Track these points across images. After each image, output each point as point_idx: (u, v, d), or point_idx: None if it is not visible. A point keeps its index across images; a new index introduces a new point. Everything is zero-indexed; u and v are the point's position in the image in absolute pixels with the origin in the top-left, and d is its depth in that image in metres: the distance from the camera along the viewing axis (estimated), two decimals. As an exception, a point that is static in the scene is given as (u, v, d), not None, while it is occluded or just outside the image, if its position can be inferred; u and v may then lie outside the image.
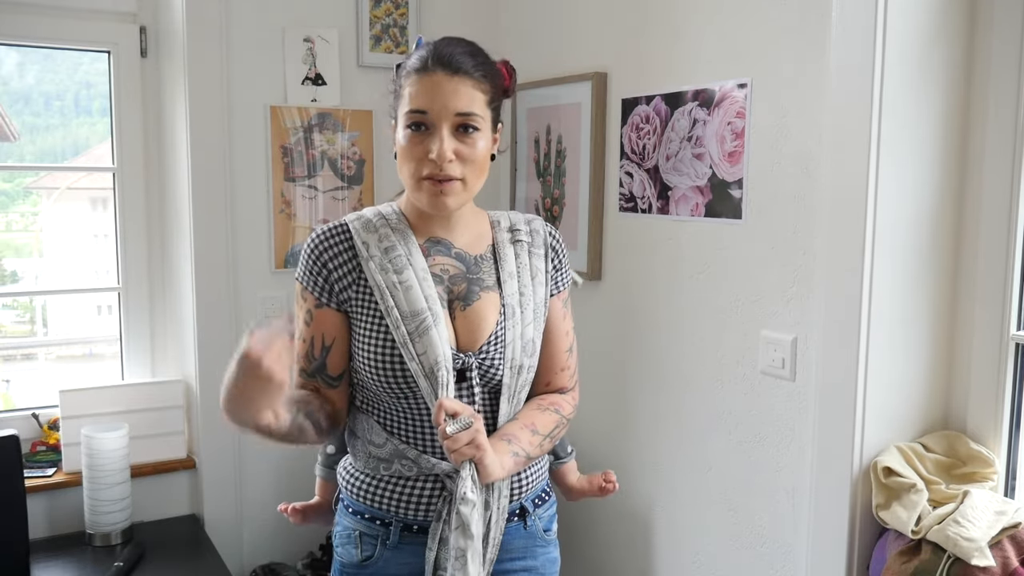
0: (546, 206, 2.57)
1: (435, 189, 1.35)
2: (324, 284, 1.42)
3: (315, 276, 1.42)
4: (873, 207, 1.63)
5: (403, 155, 1.38)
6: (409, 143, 1.36)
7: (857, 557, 1.70)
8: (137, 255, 2.57)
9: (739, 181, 1.92)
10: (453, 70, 1.35)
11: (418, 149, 1.35)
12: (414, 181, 1.37)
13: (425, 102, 1.34)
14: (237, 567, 2.52)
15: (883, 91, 1.61)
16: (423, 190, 1.37)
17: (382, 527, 1.43)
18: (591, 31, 2.37)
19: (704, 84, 1.99)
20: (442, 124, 1.34)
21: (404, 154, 1.37)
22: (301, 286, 1.44)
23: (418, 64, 1.36)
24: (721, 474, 2.02)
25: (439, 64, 1.35)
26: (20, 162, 2.57)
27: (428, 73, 1.35)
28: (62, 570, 2.20)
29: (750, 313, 1.92)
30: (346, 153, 2.59)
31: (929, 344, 1.73)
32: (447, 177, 1.35)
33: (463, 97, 1.35)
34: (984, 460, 1.65)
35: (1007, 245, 1.64)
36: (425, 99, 1.34)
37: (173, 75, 2.44)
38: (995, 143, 1.65)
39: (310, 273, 1.43)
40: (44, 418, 2.48)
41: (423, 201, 1.39)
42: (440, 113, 1.34)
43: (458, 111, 1.35)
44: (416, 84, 1.35)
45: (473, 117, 1.36)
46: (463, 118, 1.35)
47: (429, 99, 1.34)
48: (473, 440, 1.28)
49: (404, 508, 1.42)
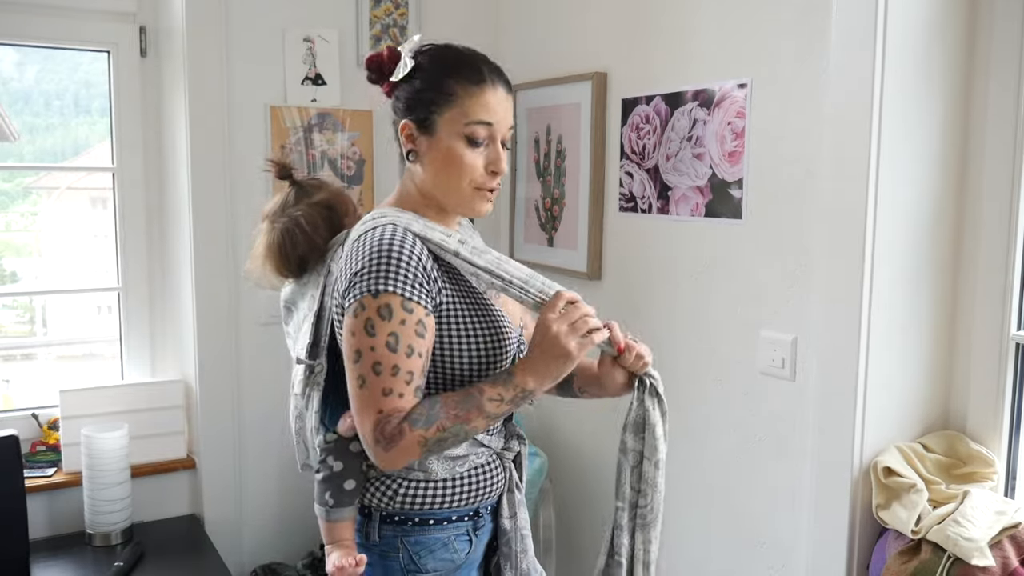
0: (546, 206, 2.57)
1: (485, 198, 1.39)
2: (429, 288, 1.32)
3: (419, 281, 1.30)
4: (873, 207, 1.63)
5: (456, 163, 1.36)
6: (466, 152, 1.36)
7: (857, 557, 1.70)
8: (137, 255, 2.57)
9: (739, 181, 1.92)
10: (507, 86, 1.41)
11: (477, 160, 1.36)
12: (468, 189, 1.38)
13: (491, 115, 1.36)
14: (237, 567, 2.52)
15: (883, 91, 1.61)
16: (473, 197, 1.39)
17: (471, 520, 1.45)
18: (591, 31, 2.37)
19: (704, 84, 1.99)
20: (498, 137, 1.38)
21: (459, 163, 1.36)
22: (402, 298, 1.27)
23: (476, 75, 1.36)
24: (721, 474, 2.02)
25: (499, 77, 1.39)
26: (20, 162, 2.57)
27: (491, 86, 1.37)
28: (62, 570, 2.20)
29: (750, 313, 1.92)
30: (346, 153, 2.59)
31: (929, 344, 1.73)
32: (498, 187, 1.41)
33: (511, 113, 1.41)
34: (984, 460, 1.65)
35: (1007, 245, 1.64)
36: (491, 113, 1.36)
37: (173, 75, 2.44)
38: (995, 143, 1.65)
39: (414, 279, 1.29)
40: (44, 418, 2.48)
41: (466, 206, 1.40)
42: (501, 127, 1.38)
43: (510, 124, 1.41)
44: (480, 95, 1.35)
45: (513, 132, 1.44)
46: (510, 132, 1.41)
47: (494, 112, 1.37)
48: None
49: (488, 492, 1.46)
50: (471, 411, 1.29)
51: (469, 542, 1.45)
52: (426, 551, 1.41)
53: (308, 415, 1.46)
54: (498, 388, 1.30)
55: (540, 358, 1.30)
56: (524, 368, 1.31)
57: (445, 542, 1.42)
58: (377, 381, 1.27)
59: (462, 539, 1.44)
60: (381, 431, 1.26)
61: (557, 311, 1.31)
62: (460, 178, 1.36)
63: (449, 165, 1.36)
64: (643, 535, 1.46)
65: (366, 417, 1.28)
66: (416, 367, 1.29)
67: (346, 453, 1.41)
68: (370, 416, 1.27)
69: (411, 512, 1.40)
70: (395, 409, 1.27)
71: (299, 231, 1.45)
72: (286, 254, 1.46)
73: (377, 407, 1.26)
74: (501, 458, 1.48)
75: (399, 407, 1.27)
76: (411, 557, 1.41)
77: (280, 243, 1.46)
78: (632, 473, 1.45)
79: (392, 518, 1.41)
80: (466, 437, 1.32)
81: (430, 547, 1.41)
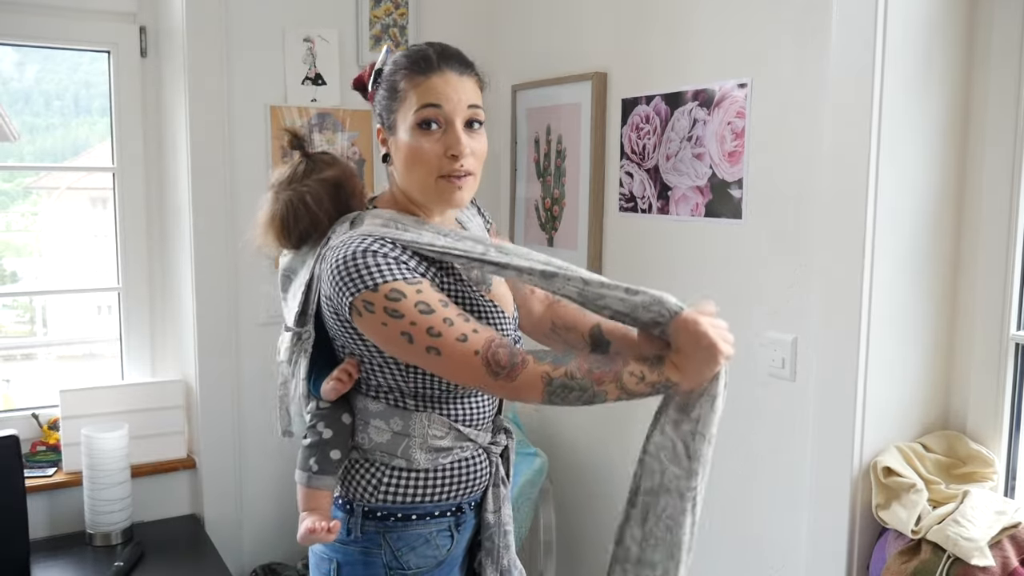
0: (546, 206, 2.57)
1: (453, 186, 1.37)
2: (421, 270, 1.33)
3: (408, 266, 1.30)
4: (873, 207, 1.63)
5: (414, 155, 1.36)
6: (422, 142, 1.35)
7: (857, 557, 1.70)
8: (137, 255, 2.57)
9: (739, 181, 1.92)
10: (463, 67, 1.38)
11: (434, 148, 1.35)
12: (431, 180, 1.36)
13: (438, 97, 1.35)
14: (237, 567, 2.52)
15: (883, 91, 1.61)
16: (439, 188, 1.37)
17: (453, 516, 1.45)
18: (591, 31, 2.37)
19: (704, 84, 1.99)
20: (455, 119, 1.35)
21: (416, 154, 1.36)
22: (403, 280, 1.27)
23: (423, 65, 1.36)
24: (721, 474, 2.02)
25: (447, 61, 1.37)
26: (20, 162, 2.57)
27: (438, 71, 1.36)
28: (62, 570, 2.20)
29: (750, 313, 1.92)
30: (346, 153, 2.59)
31: (929, 344, 1.73)
32: (466, 172, 1.37)
33: (471, 91, 1.38)
34: (984, 460, 1.65)
35: (1007, 245, 1.64)
36: (438, 94, 1.35)
37: (173, 75, 2.44)
38: (995, 143, 1.65)
39: (403, 265, 1.29)
40: (44, 418, 2.48)
41: (437, 198, 1.39)
42: (455, 107, 1.35)
43: (471, 103, 1.37)
44: (426, 82, 1.35)
45: (480, 111, 1.39)
46: (473, 111, 1.37)
47: (443, 94, 1.35)
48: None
49: (471, 487, 1.46)
50: (606, 373, 1.27)
51: (451, 538, 1.45)
52: (408, 548, 1.42)
53: (295, 381, 1.46)
54: (643, 367, 1.29)
55: (693, 356, 1.29)
56: (676, 363, 1.30)
57: (427, 538, 1.42)
58: (445, 340, 1.26)
59: (444, 535, 1.44)
60: (496, 364, 1.25)
61: (709, 322, 1.30)
62: (424, 171, 1.36)
63: (410, 159, 1.37)
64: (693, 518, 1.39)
65: (469, 371, 1.26)
66: (460, 309, 1.30)
67: (337, 422, 1.41)
68: (471, 365, 1.26)
69: (393, 506, 1.41)
70: (486, 340, 1.26)
71: (303, 207, 1.42)
72: (288, 228, 1.44)
73: (470, 354, 1.25)
74: (488, 452, 1.48)
75: (487, 337, 1.26)
76: (393, 554, 1.41)
77: (283, 215, 1.43)
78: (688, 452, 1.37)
79: (375, 513, 1.41)
80: (592, 398, 1.28)
81: (412, 544, 1.42)
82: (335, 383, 1.38)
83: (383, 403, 1.40)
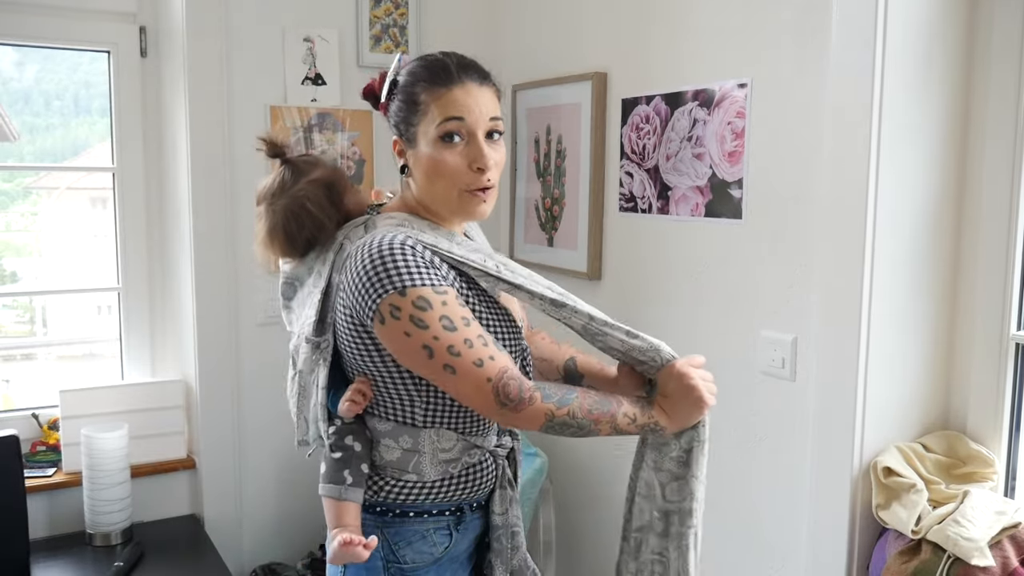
0: (546, 206, 2.57)
1: (477, 199, 1.37)
2: (444, 275, 1.32)
3: (433, 269, 1.30)
4: (873, 207, 1.63)
5: (437, 169, 1.35)
6: (444, 155, 1.34)
7: (857, 557, 1.70)
8: (137, 255, 2.57)
9: (739, 181, 1.92)
10: (481, 77, 1.37)
11: (457, 160, 1.34)
12: (453, 193, 1.36)
13: (460, 109, 1.34)
14: (237, 567, 2.52)
15: (883, 91, 1.61)
16: (462, 201, 1.37)
17: (452, 515, 1.45)
18: (591, 31, 2.37)
19: (704, 84, 1.99)
20: (478, 131, 1.35)
21: (439, 167, 1.35)
22: (431, 287, 1.27)
23: (443, 76, 1.35)
24: (721, 474, 2.02)
25: (466, 72, 1.36)
26: (20, 162, 2.57)
27: (459, 83, 1.35)
28: (62, 570, 2.20)
29: (750, 313, 1.92)
30: (346, 153, 2.59)
31: (929, 344, 1.73)
32: (490, 185, 1.37)
33: (491, 102, 1.38)
34: (984, 460, 1.65)
35: (1007, 245, 1.64)
36: (460, 107, 1.34)
37: (173, 75, 2.44)
38: (995, 143, 1.65)
39: (428, 268, 1.29)
40: (44, 418, 2.48)
41: (460, 211, 1.38)
42: (478, 119, 1.35)
43: (492, 115, 1.37)
44: (447, 94, 1.34)
45: (500, 122, 1.39)
46: (495, 123, 1.37)
47: (465, 106, 1.34)
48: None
49: (474, 489, 1.46)
50: (603, 415, 1.35)
51: (449, 536, 1.45)
52: (404, 542, 1.42)
53: (315, 391, 1.44)
54: (636, 409, 1.39)
55: (681, 404, 1.40)
56: (663, 407, 1.41)
57: (424, 534, 1.43)
58: (463, 362, 1.27)
59: (442, 533, 1.44)
60: (505, 396, 1.28)
61: (699, 375, 1.42)
62: (447, 184, 1.36)
63: (433, 173, 1.36)
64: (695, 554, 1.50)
65: (479, 396, 1.29)
66: (481, 330, 1.31)
67: (363, 435, 1.41)
68: (482, 391, 1.28)
69: (392, 504, 1.42)
70: (500, 370, 1.28)
71: (304, 212, 1.40)
72: (292, 237, 1.41)
73: (482, 380, 1.27)
74: (494, 455, 1.48)
75: (501, 367, 1.29)
76: (390, 548, 1.42)
77: (285, 225, 1.41)
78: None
79: (373, 508, 1.42)
80: (586, 434, 1.36)
81: (408, 538, 1.42)
82: (349, 404, 1.38)
83: (391, 422, 1.40)
